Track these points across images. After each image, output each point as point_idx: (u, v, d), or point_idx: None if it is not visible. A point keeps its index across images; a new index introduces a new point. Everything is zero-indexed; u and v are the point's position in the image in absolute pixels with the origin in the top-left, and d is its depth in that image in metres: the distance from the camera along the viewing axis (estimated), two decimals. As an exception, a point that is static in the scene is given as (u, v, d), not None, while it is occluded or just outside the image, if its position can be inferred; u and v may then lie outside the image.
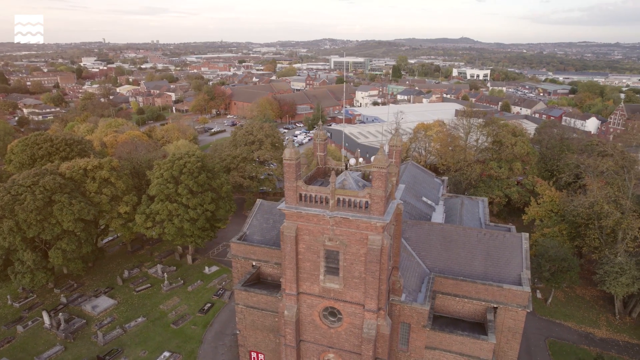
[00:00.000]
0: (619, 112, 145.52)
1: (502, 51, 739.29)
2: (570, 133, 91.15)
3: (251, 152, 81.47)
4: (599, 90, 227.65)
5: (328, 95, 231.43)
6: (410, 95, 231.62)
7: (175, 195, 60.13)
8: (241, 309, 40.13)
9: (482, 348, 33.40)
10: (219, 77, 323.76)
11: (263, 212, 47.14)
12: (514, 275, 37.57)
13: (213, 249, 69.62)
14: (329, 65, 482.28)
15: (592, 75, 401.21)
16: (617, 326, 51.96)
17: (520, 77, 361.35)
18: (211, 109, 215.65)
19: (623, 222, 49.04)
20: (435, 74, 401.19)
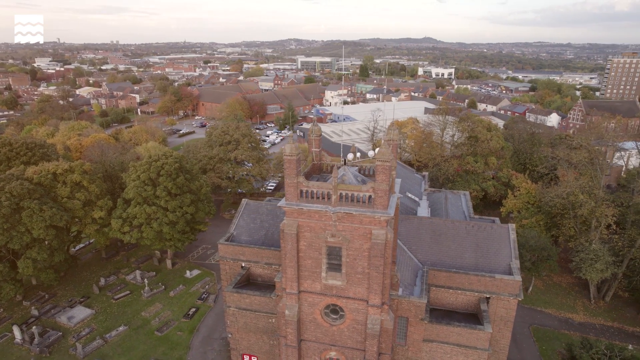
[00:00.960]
0: (577, 108, 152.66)
1: (463, 50, 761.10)
2: (536, 128, 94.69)
3: (228, 153, 79.93)
4: (557, 88, 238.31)
5: (298, 95, 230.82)
6: (379, 94, 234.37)
7: (154, 198, 58.12)
8: (233, 311, 39.13)
9: (478, 338, 33.95)
10: (184, 78, 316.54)
11: (249, 212, 46.23)
12: (503, 265, 38.43)
13: (193, 253, 67.77)
14: (296, 65, 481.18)
15: (548, 73, 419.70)
16: (592, 310, 54.29)
17: (483, 76, 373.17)
18: (178, 110, 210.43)
19: (597, 211, 51.26)
20: (401, 73, 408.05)
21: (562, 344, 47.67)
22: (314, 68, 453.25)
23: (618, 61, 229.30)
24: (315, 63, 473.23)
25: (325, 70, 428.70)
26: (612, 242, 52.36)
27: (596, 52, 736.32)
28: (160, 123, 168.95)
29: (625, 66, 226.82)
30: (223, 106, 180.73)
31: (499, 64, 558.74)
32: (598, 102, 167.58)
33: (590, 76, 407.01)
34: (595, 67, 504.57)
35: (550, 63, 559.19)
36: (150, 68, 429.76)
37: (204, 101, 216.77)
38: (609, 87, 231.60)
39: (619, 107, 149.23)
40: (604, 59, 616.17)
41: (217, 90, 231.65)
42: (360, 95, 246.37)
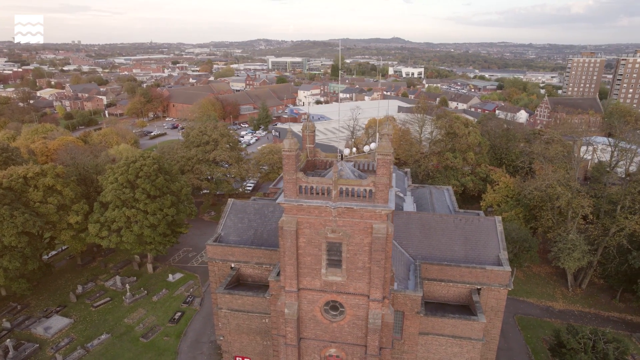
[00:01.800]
0: (544, 105, 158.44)
1: (431, 50, 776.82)
2: (507, 125, 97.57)
3: (206, 153, 78.34)
4: (523, 86, 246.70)
5: (271, 95, 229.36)
6: (352, 93, 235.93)
7: (133, 201, 56.25)
8: (225, 313, 38.31)
9: (473, 328, 34.54)
10: (153, 79, 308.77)
11: (236, 212, 45.52)
12: (492, 257, 39.26)
13: (174, 256, 66.05)
14: (266, 65, 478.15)
15: (513, 72, 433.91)
16: (570, 298, 56.34)
17: (451, 75, 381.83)
18: (148, 112, 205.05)
19: (573, 202, 53.19)
20: (372, 72, 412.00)
21: (546, 331, 49.30)
22: (285, 68, 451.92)
23: (578, 60, 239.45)
24: (286, 63, 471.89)
25: (297, 70, 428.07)
26: (588, 231, 54.45)
27: (556, 52, 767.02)
28: (130, 125, 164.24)
29: (584, 65, 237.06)
30: (195, 107, 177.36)
31: (465, 63, 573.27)
32: (562, 99, 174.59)
33: (551, 75, 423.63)
34: (555, 67, 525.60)
35: (514, 62, 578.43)
36: (117, 69, 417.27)
37: (174, 102, 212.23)
38: (570, 85, 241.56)
39: (582, 104, 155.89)
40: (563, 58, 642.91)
41: (187, 91, 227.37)
42: (333, 94, 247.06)
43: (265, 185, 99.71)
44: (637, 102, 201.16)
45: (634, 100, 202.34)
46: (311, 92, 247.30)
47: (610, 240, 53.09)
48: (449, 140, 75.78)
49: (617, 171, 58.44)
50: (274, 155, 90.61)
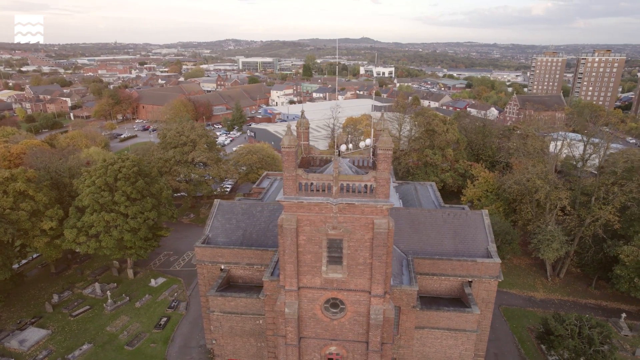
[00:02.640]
0: (512, 103, 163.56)
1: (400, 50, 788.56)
2: (480, 122, 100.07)
3: (184, 154, 76.57)
4: (491, 84, 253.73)
5: (243, 96, 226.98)
6: (325, 93, 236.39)
7: (112, 204, 54.25)
8: (217, 316, 37.47)
9: (467, 320, 35.12)
10: (120, 80, 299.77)
11: (223, 213, 44.65)
12: (482, 250, 40.06)
13: (155, 260, 64.16)
14: (237, 65, 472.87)
15: (479, 71, 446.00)
16: (550, 287, 58.24)
17: (421, 74, 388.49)
18: (117, 113, 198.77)
19: (551, 194, 54.98)
20: (343, 72, 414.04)
21: (530, 320, 50.79)
22: (255, 68, 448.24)
23: (541, 60, 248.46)
24: (257, 63, 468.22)
25: (268, 71, 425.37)
26: (565, 222, 56.38)
27: (519, 52, 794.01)
28: (98, 127, 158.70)
29: (547, 64, 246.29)
30: (167, 108, 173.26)
31: (434, 63, 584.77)
32: (530, 96, 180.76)
33: (515, 74, 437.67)
34: (519, 66, 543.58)
35: (480, 62, 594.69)
36: (80, 70, 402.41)
37: (144, 104, 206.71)
38: (535, 83, 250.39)
39: (548, 101, 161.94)
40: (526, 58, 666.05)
41: (157, 92, 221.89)
42: (306, 94, 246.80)
43: (244, 186, 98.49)
44: (597, 98, 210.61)
45: (593, 97, 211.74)
46: (284, 92, 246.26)
47: (586, 230, 55.19)
48: (428, 138, 76.94)
49: (589, 164, 60.75)
50: (252, 155, 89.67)
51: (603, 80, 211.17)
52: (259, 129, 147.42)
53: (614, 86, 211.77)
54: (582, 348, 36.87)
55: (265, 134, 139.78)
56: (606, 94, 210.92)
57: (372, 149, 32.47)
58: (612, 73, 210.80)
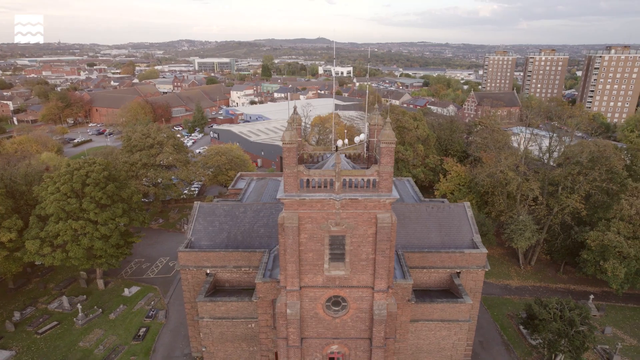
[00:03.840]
0: (470, 100, 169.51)
1: (356, 50, 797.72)
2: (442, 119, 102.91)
3: (151, 157, 73.45)
4: (447, 83, 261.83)
5: (203, 97, 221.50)
6: (286, 93, 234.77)
7: (79, 212, 51.07)
8: (207, 322, 36.01)
9: (460, 310, 35.73)
10: (68, 82, 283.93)
11: (205, 215, 43.10)
12: (467, 241, 40.94)
13: (126, 268, 61.03)
14: (192, 66, 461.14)
15: (434, 70, 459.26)
16: (523, 275, 60.64)
17: (379, 73, 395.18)
18: (67, 117, 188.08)
19: (523, 186, 57.21)
20: (302, 72, 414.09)
21: (508, 307, 52.60)
22: (212, 69, 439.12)
23: (493, 59, 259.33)
24: (213, 64, 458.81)
25: (225, 71, 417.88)
26: (535, 212, 58.82)
27: (469, 51, 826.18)
28: (48, 132, 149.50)
29: (499, 63, 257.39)
30: (123, 111, 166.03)
31: (389, 62, 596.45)
32: (486, 93, 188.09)
33: (468, 72, 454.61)
34: (470, 65, 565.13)
35: (433, 61, 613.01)
36: (21, 71, 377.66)
37: (97, 106, 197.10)
38: (488, 81, 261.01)
39: (503, 98, 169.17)
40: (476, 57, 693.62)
41: (111, 95, 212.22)
42: (267, 94, 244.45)
43: (211, 189, 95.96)
44: (545, 95, 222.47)
45: (542, 94, 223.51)
46: (244, 93, 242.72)
47: (555, 218, 57.86)
48: (398, 134, 77.95)
49: (554, 156, 63.76)
50: (221, 156, 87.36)
51: (549, 77, 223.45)
52: (222, 130, 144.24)
53: (560, 83, 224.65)
54: (565, 330, 38.48)
55: (229, 134, 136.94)
56: (552, 90, 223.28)
57: (366, 144, 32.32)
58: (557, 71, 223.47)
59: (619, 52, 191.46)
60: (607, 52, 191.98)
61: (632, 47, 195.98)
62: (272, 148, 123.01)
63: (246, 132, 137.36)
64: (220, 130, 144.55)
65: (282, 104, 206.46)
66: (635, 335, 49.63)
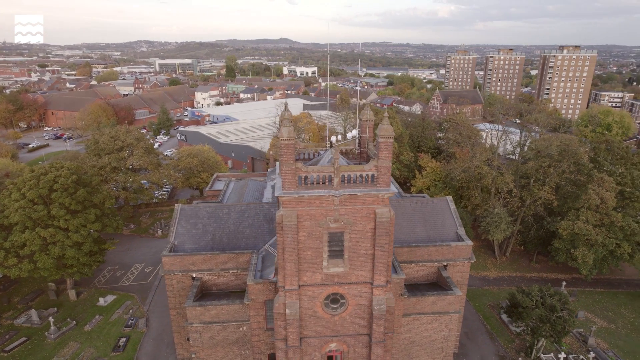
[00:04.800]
0: (436, 98, 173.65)
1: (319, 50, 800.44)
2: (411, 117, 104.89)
3: (121, 160, 70.59)
4: (411, 82, 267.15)
5: (167, 98, 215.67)
6: (253, 93, 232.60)
7: (48, 219, 48.29)
8: (196, 328, 34.82)
9: (451, 302, 36.28)
10: (18, 84, 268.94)
11: (187, 218, 41.76)
12: (452, 234, 41.68)
13: (98, 277, 58.23)
14: (153, 67, 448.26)
15: (396, 70, 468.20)
16: (499, 265, 62.57)
17: (343, 73, 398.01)
18: (19, 121, 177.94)
19: (497, 179, 58.99)
20: (266, 72, 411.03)
21: (489, 298, 54.08)
22: (174, 70, 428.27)
23: (455, 58, 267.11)
24: (175, 65, 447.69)
25: (187, 72, 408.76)
26: (509, 205, 60.80)
27: (429, 51, 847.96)
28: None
29: (460, 62, 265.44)
30: (83, 114, 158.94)
31: (353, 62, 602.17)
32: (450, 92, 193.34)
33: (429, 72, 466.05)
34: (431, 64, 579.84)
35: (396, 61, 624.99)
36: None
37: (53, 109, 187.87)
38: (451, 79, 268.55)
39: (467, 96, 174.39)
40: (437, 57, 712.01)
41: (68, 97, 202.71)
42: (233, 95, 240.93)
43: (182, 192, 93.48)
44: (504, 92, 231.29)
45: (502, 91, 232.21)
46: (209, 94, 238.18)
47: (527, 210, 60.01)
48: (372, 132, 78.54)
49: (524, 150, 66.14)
50: (192, 158, 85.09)
51: (508, 76, 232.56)
52: (190, 131, 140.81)
53: (518, 81, 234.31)
54: (547, 315, 39.91)
55: (197, 136, 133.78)
56: (512, 88, 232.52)
57: (358, 140, 32.27)
58: (515, 70, 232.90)
59: (570, 51, 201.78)
60: (560, 52, 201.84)
61: (582, 48, 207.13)
62: (242, 149, 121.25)
63: (215, 134, 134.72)
64: (188, 132, 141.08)
65: (249, 104, 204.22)
66: (605, 318, 52.25)
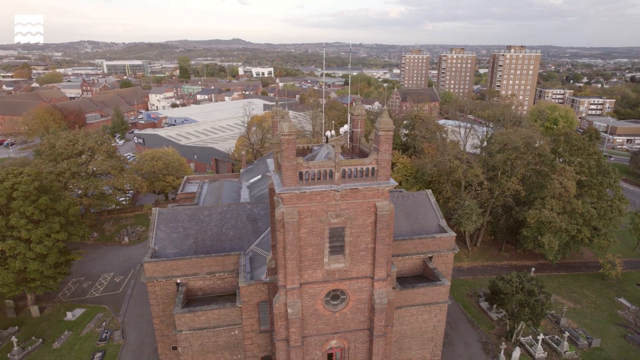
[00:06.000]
0: (394, 96, 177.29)
1: (273, 51, 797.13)
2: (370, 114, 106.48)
3: (81, 165, 66.59)
4: (367, 81, 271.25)
5: (119, 101, 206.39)
6: (210, 94, 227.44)
7: (6, 230, 44.70)
8: (186, 335, 33.34)
9: (440, 292, 36.98)
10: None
11: (167, 221, 40.02)
12: (434, 226, 42.52)
13: (63, 290, 54.54)
14: (101, 69, 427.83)
15: (351, 70, 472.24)
16: (471, 256, 64.67)
17: (299, 73, 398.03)
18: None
19: (468, 172, 60.93)
20: (221, 73, 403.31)
21: (466, 288, 55.70)
22: (124, 72, 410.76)
23: (410, 57, 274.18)
24: (124, 66, 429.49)
25: (138, 74, 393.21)
26: (479, 197, 62.98)
27: (382, 51, 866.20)
28: None
29: (415, 61, 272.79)
30: (27, 118, 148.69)
31: (307, 62, 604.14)
32: (408, 90, 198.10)
33: (383, 71, 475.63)
34: (384, 64, 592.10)
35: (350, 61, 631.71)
36: None
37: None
38: (406, 78, 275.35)
39: (424, 94, 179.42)
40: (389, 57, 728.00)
41: (7, 100, 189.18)
42: (190, 96, 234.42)
43: (145, 197, 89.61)
44: (458, 90, 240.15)
45: (455, 89, 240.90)
46: (164, 95, 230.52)
47: (496, 201, 62.43)
48: (342, 129, 78.93)
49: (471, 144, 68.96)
50: (157, 161, 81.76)
51: (461, 74, 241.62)
52: (147, 134, 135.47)
53: (470, 79, 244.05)
54: (526, 300, 41.62)
55: (156, 139, 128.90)
56: (464, 86, 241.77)
57: (350, 135, 32.17)
58: (467, 68, 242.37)
59: (517, 51, 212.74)
60: (507, 51, 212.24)
61: (527, 48, 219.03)
62: (205, 151, 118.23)
63: (175, 136, 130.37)
64: (145, 135, 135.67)
65: (208, 105, 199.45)
66: (571, 299, 55.33)
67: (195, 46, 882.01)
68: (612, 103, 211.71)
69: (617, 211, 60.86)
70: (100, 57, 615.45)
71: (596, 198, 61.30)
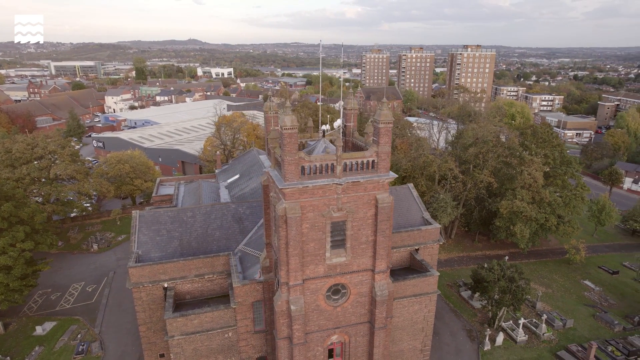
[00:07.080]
0: (358, 95, 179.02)
1: (231, 51, 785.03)
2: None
3: (42, 170, 62.74)
4: (329, 81, 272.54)
5: (72, 103, 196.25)
6: (170, 96, 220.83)
7: (-33, 241, 41.37)
8: (178, 340, 32.06)
9: (429, 283, 37.57)
10: None
11: (149, 224, 38.50)
12: (418, 219, 43.23)
13: (29, 303, 51.08)
14: (48, 70, 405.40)
15: (310, 70, 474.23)
16: (447, 248, 66.31)
17: (260, 74, 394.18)
18: None
19: (442, 166, 62.44)
20: (179, 74, 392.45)
21: (445, 279, 56.98)
22: (74, 73, 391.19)
23: (370, 56, 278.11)
24: (75, 68, 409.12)
25: (91, 76, 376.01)
26: (453, 190, 64.69)
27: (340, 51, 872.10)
28: None
29: (375, 60, 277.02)
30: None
31: (266, 63, 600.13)
32: (371, 89, 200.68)
33: (343, 71, 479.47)
34: (344, 64, 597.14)
35: (309, 61, 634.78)
36: None
37: None
38: (367, 77, 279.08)
39: (387, 92, 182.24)
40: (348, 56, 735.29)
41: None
42: (149, 98, 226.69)
43: (110, 202, 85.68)
44: (418, 88, 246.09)
45: (415, 87, 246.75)
46: (121, 97, 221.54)
47: (469, 193, 64.38)
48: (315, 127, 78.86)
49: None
50: (123, 165, 78.34)
51: (420, 73, 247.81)
52: (108, 138, 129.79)
53: (429, 78, 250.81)
54: (508, 286, 43.16)
55: (117, 142, 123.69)
56: (424, 84, 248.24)
57: (343, 129, 32.07)
58: (426, 67, 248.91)
59: (473, 50, 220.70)
60: (465, 50, 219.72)
61: (483, 48, 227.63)
62: (171, 153, 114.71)
63: (137, 139, 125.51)
64: (105, 138, 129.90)
65: (169, 107, 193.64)
66: (543, 284, 57.97)
67: (149, 47, 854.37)
68: (561, 99, 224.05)
69: (580, 199, 64.28)
70: (45, 58, 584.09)
71: (561, 187, 64.56)
